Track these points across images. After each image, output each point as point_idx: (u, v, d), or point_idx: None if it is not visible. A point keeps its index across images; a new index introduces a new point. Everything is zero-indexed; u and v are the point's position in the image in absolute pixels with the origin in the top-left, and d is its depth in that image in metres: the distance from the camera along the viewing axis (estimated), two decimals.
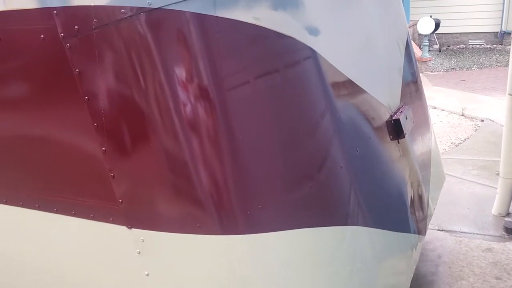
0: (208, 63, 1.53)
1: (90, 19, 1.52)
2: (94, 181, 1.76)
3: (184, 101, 1.54)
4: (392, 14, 2.90)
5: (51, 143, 1.81)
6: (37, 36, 1.62)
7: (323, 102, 1.81)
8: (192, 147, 1.57)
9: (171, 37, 1.53)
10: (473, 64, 11.45)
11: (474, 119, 7.11)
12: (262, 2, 1.62)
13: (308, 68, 1.78)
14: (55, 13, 1.56)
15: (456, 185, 4.84)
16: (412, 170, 2.64)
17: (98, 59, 1.55)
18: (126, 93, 1.57)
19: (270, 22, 1.63)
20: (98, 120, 1.63)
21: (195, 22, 1.52)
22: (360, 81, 2.13)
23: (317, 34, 1.82)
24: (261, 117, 1.65)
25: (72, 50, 1.57)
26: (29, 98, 1.80)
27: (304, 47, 1.74)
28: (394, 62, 2.73)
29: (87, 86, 1.60)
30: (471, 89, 8.96)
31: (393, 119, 2.37)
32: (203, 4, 1.51)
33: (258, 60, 1.64)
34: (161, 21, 1.51)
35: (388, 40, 2.69)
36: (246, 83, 1.61)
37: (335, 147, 1.84)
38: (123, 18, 1.49)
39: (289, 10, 1.70)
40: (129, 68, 1.54)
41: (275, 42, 1.67)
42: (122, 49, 1.53)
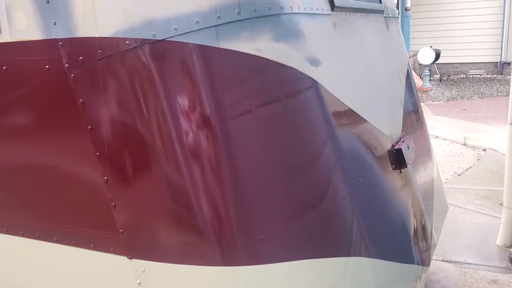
0: (210, 92, 1.55)
1: (95, 50, 1.54)
2: (95, 210, 1.75)
3: (187, 130, 1.56)
4: (393, 45, 2.94)
5: (53, 172, 1.81)
6: (42, 66, 1.65)
7: (324, 131, 1.82)
8: (194, 177, 1.57)
9: (174, 67, 1.55)
10: (474, 94, 11.52)
11: (476, 148, 7.11)
12: (264, 34, 1.65)
13: (310, 97, 1.79)
14: (60, 44, 1.58)
15: (459, 215, 4.80)
16: (415, 199, 2.62)
17: (102, 89, 1.57)
18: (129, 122, 1.58)
19: (271, 53, 1.65)
20: (100, 149, 1.63)
21: (198, 53, 1.55)
22: (362, 110, 2.14)
23: (318, 64, 1.84)
24: (263, 146, 1.66)
25: (76, 81, 1.59)
26: (32, 127, 1.81)
27: (305, 77, 1.76)
28: (395, 92, 2.75)
29: (91, 115, 1.61)
30: (473, 118, 8.99)
31: (395, 148, 2.37)
32: (206, 36, 1.53)
33: (260, 90, 1.66)
34: (164, 52, 1.53)
35: (389, 70, 2.72)
36: (248, 112, 1.62)
37: (337, 177, 1.84)
38: (127, 49, 1.52)
39: (290, 41, 1.73)
40: (133, 98, 1.55)
41: (276, 73, 1.69)
42: (126, 79, 1.55)
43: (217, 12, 1.55)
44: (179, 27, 1.52)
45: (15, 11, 1.65)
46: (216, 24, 1.55)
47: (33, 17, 1.62)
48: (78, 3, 1.55)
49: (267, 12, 1.64)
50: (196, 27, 1.53)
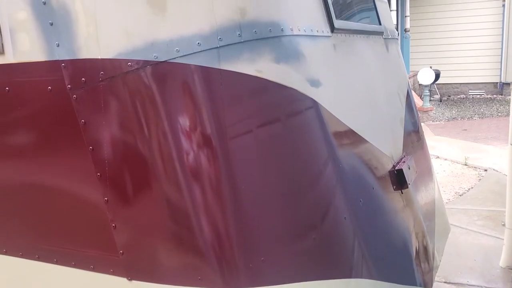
0: (211, 113, 1.56)
1: (97, 72, 1.56)
2: (95, 231, 1.74)
3: (187, 151, 1.56)
4: (392, 66, 2.96)
5: (53, 192, 1.81)
6: (44, 87, 1.66)
7: (325, 151, 1.82)
8: (195, 197, 1.57)
9: (176, 88, 1.56)
10: (474, 114, 11.55)
11: (477, 168, 7.10)
12: (265, 55, 1.67)
13: (310, 118, 1.80)
14: (63, 66, 1.60)
15: (461, 236, 4.76)
16: (416, 220, 2.61)
17: (104, 110, 1.58)
18: (131, 142, 1.59)
19: (272, 74, 1.67)
20: (101, 169, 1.64)
21: (200, 74, 1.56)
22: (362, 131, 2.15)
23: (318, 85, 1.85)
24: (264, 166, 1.66)
25: (78, 101, 1.60)
26: (33, 148, 1.82)
27: (306, 98, 1.77)
28: (395, 112, 2.76)
29: (92, 136, 1.62)
30: (473, 138, 9.00)
31: (396, 169, 2.37)
32: (208, 57, 1.55)
33: (260, 110, 1.67)
34: (166, 73, 1.55)
35: (389, 91, 2.73)
36: (249, 132, 1.63)
37: (338, 197, 1.84)
38: (129, 70, 1.53)
39: (291, 63, 1.74)
40: (134, 119, 1.56)
41: (277, 93, 1.70)
42: (128, 100, 1.56)
43: (219, 34, 1.57)
44: (181, 49, 1.53)
45: (19, 33, 1.67)
46: (218, 46, 1.57)
47: (37, 39, 1.64)
48: (82, 25, 1.57)
49: (267, 34, 1.66)
50: (197, 48, 1.55)
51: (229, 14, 1.59)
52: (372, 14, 2.84)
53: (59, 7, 1.59)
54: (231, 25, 1.59)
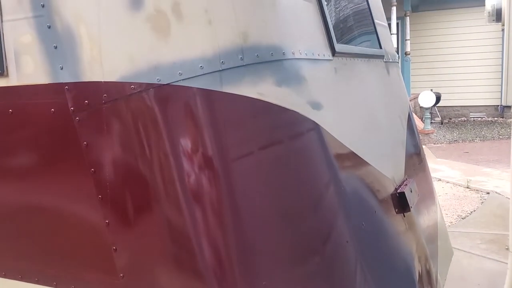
0: (213, 135, 1.56)
1: (100, 94, 1.57)
2: (95, 254, 1.73)
3: (189, 173, 1.56)
4: (393, 89, 2.98)
5: (54, 214, 1.80)
6: (47, 109, 1.67)
7: (327, 174, 1.82)
8: (196, 220, 1.56)
9: (178, 110, 1.57)
10: (476, 137, 11.56)
11: (479, 191, 7.06)
12: (267, 78, 1.68)
13: (312, 140, 1.81)
14: (66, 88, 1.61)
15: (465, 260, 4.71)
16: (419, 244, 2.59)
17: (106, 132, 1.59)
18: (132, 165, 1.59)
19: (274, 97, 1.68)
20: (103, 192, 1.63)
21: (202, 97, 1.57)
22: (364, 153, 2.15)
23: (320, 108, 1.86)
24: (265, 188, 1.65)
25: (81, 124, 1.61)
26: (35, 169, 1.82)
27: (307, 120, 1.78)
28: (396, 135, 2.76)
29: (94, 158, 1.62)
30: (475, 161, 8.98)
31: (398, 192, 2.36)
32: (210, 80, 1.56)
33: (262, 133, 1.67)
34: (169, 96, 1.56)
35: (390, 114, 2.74)
36: (250, 154, 1.63)
37: (341, 221, 1.83)
38: (132, 93, 1.54)
39: (292, 86, 1.75)
40: (136, 141, 1.57)
41: (278, 116, 1.71)
42: (130, 122, 1.57)
43: (221, 57, 1.58)
44: (184, 72, 1.55)
45: (24, 56, 1.69)
46: (220, 69, 1.58)
47: (41, 62, 1.66)
48: (86, 49, 1.59)
49: (269, 57, 1.68)
50: (200, 72, 1.56)
51: (232, 38, 1.61)
52: (372, 38, 2.87)
53: (63, 31, 1.61)
54: (233, 48, 1.61)
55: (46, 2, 1.62)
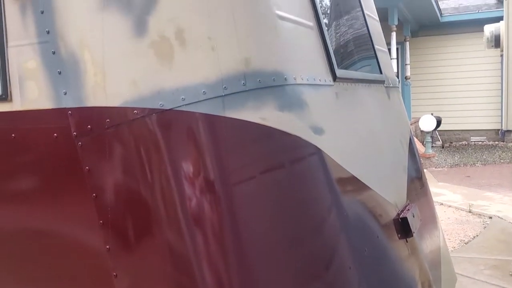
0: (215, 159, 1.57)
1: (103, 119, 1.58)
2: (95, 280, 1.71)
3: (190, 197, 1.56)
4: (394, 114, 2.99)
5: (55, 239, 1.79)
6: (50, 134, 1.68)
7: (329, 198, 1.82)
8: (197, 245, 1.55)
9: (181, 135, 1.58)
10: (477, 161, 11.55)
11: (482, 216, 7.02)
12: (269, 103, 1.69)
13: (313, 165, 1.81)
14: (69, 113, 1.62)
15: (468, 286, 4.65)
16: (422, 269, 2.56)
17: (109, 157, 1.59)
18: (134, 190, 1.59)
19: (276, 122, 1.69)
20: (104, 217, 1.63)
21: (204, 122, 1.58)
22: (366, 178, 2.15)
23: (321, 133, 1.87)
24: (267, 213, 1.65)
25: (84, 149, 1.61)
26: (36, 194, 1.81)
27: (309, 145, 1.78)
28: (398, 160, 2.76)
29: (96, 183, 1.62)
30: (477, 185, 8.95)
31: (401, 217, 2.35)
32: (213, 105, 1.57)
33: (264, 157, 1.68)
34: (171, 121, 1.57)
35: (391, 138, 2.75)
36: (252, 178, 1.63)
37: (343, 246, 1.81)
38: (135, 118, 1.55)
39: (294, 111, 1.76)
40: (139, 166, 1.57)
41: (280, 141, 1.71)
42: (133, 147, 1.58)
43: (224, 83, 1.60)
44: (186, 97, 1.56)
45: (28, 81, 1.71)
46: (223, 95, 1.59)
47: (45, 87, 1.67)
48: (90, 74, 1.60)
49: (271, 83, 1.69)
50: (203, 97, 1.57)
51: (234, 64, 1.62)
52: (373, 63, 2.90)
53: (68, 57, 1.63)
54: (236, 74, 1.62)
55: (52, 28, 1.65)
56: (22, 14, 1.70)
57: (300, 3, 2.00)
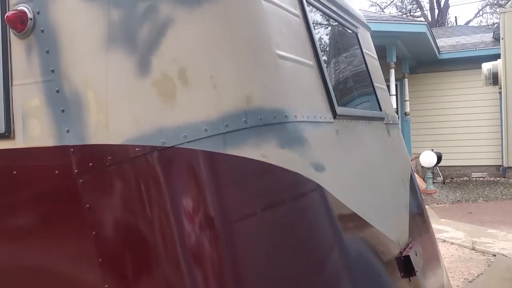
0: (215, 196, 1.57)
1: (105, 157, 1.59)
2: None
3: (190, 234, 1.55)
4: (395, 150, 3.00)
5: (54, 277, 1.77)
6: (51, 171, 1.68)
7: (330, 236, 1.80)
8: (196, 282, 1.53)
9: (182, 172, 1.58)
10: (479, 197, 11.48)
11: (485, 253, 6.93)
12: (270, 140, 1.70)
13: (314, 202, 1.80)
14: (71, 151, 1.63)
15: None
16: None
17: (109, 194, 1.59)
18: (134, 229, 1.58)
19: (277, 159, 1.69)
20: (103, 255, 1.61)
21: (205, 159, 1.59)
22: (367, 216, 2.13)
23: (322, 170, 1.87)
24: (267, 251, 1.63)
25: (84, 186, 1.62)
26: (36, 231, 1.80)
27: (310, 182, 1.78)
28: (399, 196, 2.75)
29: (96, 221, 1.61)
30: (479, 222, 8.87)
31: (403, 255, 2.32)
32: (214, 143, 1.58)
33: (265, 194, 1.67)
34: (173, 158, 1.58)
35: (392, 175, 2.75)
36: (252, 215, 1.62)
37: (345, 284, 1.79)
38: (137, 156, 1.56)
39: (295, 148, 1.77)
40: (139, 204, 1.56)
41: (281, 178, 1.71)
42: (133, 185, 1.58)
43: (225, 120, 1.61)
44: (188, 135, 1.57)
45: (31, 119, 1.73)
46: (224, 132, 1.61)
47: (47, 125, 1.69)
48: (92, 113, 1.62)
49: (272, 120, 1.71)
50: (204, 134, 1.59)
51: (236, 102, 1.64)
52: (372, 100, 2.93)
53: (71, 95, 1.65)
54: (237, 112, 1.64)
55: (56, 67, 1.68)
56: (28, 53, 1.73)
57: (300, 42, 2.04)
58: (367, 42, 3.14)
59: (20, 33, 1.72)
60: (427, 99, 14.63)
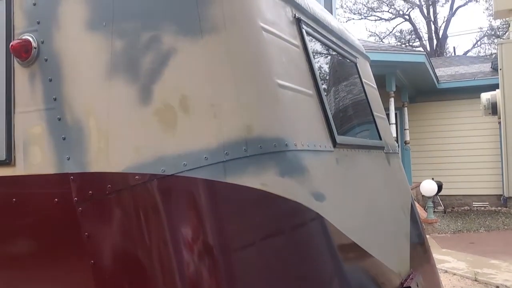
0: (214, 224, 1.56)
1: (105, 185, 1.58)
2: None
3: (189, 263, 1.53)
4: (395, 180, 3.00)
5: None
6: (51, 199, 1.68)
7: (331, 266, 1.78)
8: None
9: (181, 201, 1.58)
10: (480, 227, 11.39)
11: (488, 285, 6.82)
12: (270, 169, 1.70)
13: (314, 231, 1.79)
14: (71, 179, 1.63)
15: None
16: None
17: (108, 223, 1.58)
18: (133, 257, 1.56)
19: (277, 188, 1.69)
20: (101, 284, 1.59)
21: (205, 188, 1.58)
22: (368, 246, 2.11)
23: (322, 199, 1.86)
24: (267, 280, 1.61)
25: (84, 214, 1.61)
26: (34, 259, 1.79)
27: (310, 212, 1.77)
28: (400, 226, 2.74)
29: (95, 249, 1.60)
30: (482, 252, 8.77)
31: (404, 286, 2.29)
32: (214, 171, 1.58)
33: (265, 223, 1.66)
34: (172, 186, 1.57)
35: (392, 205, 2.74)
36: (252, 245, 1.61)
37: None
38: (136, 184, 1.56)
39: (295, 177, 1.77)
40: (138, 233, 1.55)
41: (281, 207, 1.71)
42: (133, 213, 1.57)
43: (225, 149, 1.62)
44: (188, 163, 1.57)
45: (32, 146, 1.73)
46: (224, 160, 1.61)
47: (48, 153, 1.69)
48: (93, 141, 1.63)
49: (272, 149, 1.71)
50: (204, 162, 1.59)
51: (236, 131, 1.65)
52: (372, 129, 2.94)
53: (73, 123, 1.66)
54: (237, 140, 1.65)
55: (59, 96, 1.69)
56: (31, 81, 1.75)
57: (300, 72, 2.06)
58: (366, 72, 3.17)
59: (24, 61, 1.74)
60: (427, 128, 14.67)
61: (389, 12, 28.43)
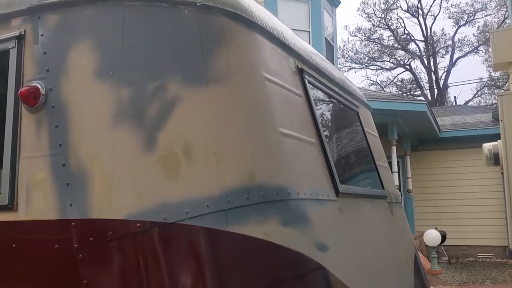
0: (215, 274, 1.54)
1: (106, 232, 1.58)
2: None
3: None
4: (398, 230, 2.96)
5: None
6: (51, 245, 1.66)
7: None
8: None
9: (182, 249, 1.56)
10: (486, 279, 11.13)
11: None
12: (272, 218, 1.69)
13: (316, 282, 1.76)
14: (73, 225, 1.62)
15: None
16: None
17: (108, 271, 1.56)
18: None
19: (279, 238, 1.68)
20: None
21: (206, 236, 1.57)
22: None
23: (325, 249, 1.84)
24: None
25: (84, 261, 1.59)
26: None
27: (312, 262, 1.75)
28: (403, 278, 2.68)
29: None
30: None
31: None
32: (216, 219, 1.58)
33: (266, 273, 1.64)
34: (173, 234, 1.56)
35: (396, 255, 2.70)
36: None
37: None
38: (137, 231, 1.55)
39: (298, 226, 1.76)
40: (137, 281, 1.53)
41: (283, 257, 1.69)
42: (133, 261, 1.55)
43: (227, 197, 1.61)
44: (189, 211, 1.57)
45: (35, 192, 1.73)
46: (226, 208, 1.60)
47: (51, 198, 1.69)
48: (97, 187, 1.63)
49: (275, 197, 1.71)
50: (206, 210, 1.58)
51: (238, 178, 1.66)
52: (374, 178, 2.94)
53: (77, 169, 1.67)
54: (239, 188, 1.64)
55: (64, 142, 1.71)
56: (37, 127, 1.77)
57: (302, 121, 2.09)
58: (368, 121, 3.20)
59: (32, 108, 1.77)
60: (430, 176, 14.62)
61: (390, 62, 28.97)
